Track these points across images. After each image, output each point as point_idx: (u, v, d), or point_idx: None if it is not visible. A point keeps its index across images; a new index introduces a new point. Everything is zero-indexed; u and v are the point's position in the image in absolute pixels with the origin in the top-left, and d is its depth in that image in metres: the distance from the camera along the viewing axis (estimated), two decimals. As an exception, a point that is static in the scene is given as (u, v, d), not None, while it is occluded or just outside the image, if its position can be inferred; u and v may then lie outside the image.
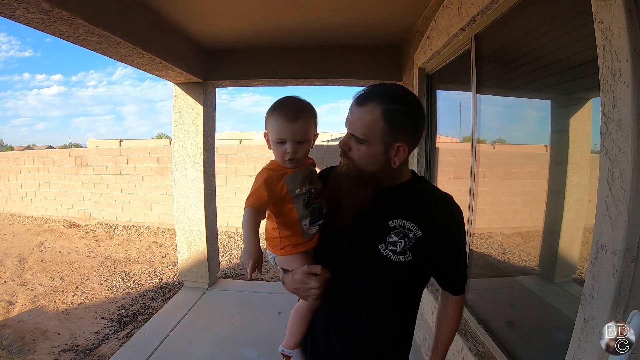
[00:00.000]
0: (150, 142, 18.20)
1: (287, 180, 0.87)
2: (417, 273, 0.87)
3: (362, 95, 0.81)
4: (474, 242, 2.02)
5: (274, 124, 0.87)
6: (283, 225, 0.89)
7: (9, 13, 1.56)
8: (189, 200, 3.48)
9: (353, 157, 0.83)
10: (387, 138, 0.79)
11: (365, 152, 0.81)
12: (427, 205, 0.88)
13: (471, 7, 1.60)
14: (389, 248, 0.83)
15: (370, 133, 0.79)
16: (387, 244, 0.83)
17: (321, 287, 0.87)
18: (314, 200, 0.89)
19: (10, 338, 2.89)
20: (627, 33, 0.75)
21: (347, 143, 0.83)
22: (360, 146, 0.81)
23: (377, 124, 0.78)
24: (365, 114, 0.79)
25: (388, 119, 0.78)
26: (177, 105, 3.41)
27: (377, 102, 0.78)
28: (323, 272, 0.87)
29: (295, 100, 0.90)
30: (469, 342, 1.70)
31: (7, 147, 42.05)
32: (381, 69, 3.22)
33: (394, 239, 0.83)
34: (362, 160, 0.82)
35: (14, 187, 8.14)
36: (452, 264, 0.90)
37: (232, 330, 2.77)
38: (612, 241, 0.80)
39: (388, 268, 0.83)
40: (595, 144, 1.23)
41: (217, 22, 2.72)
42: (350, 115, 0.82)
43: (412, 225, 0.84)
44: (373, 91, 0.81)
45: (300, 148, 0.88)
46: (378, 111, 0.78)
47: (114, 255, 5.30)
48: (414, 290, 0.92)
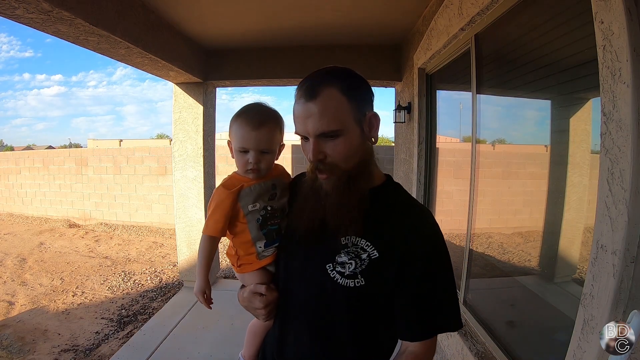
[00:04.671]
0: (150, 142, 18.22)
1: (241, 194, 0.81)
2: (374, 303, 0.71)
3: (309, 89, 0.68)
4: (474, 242, 2.02)
5: (237, 131, 0.80)
6: (238, 244, 0.84)
7: (9, 13, 1.56)
8: (189, 200, 3.48)
9: (334, 161, 0.70)
10: (357, 115, 0.70)
11: (344, 144, 0.69)
12: (392, 219, 0.72)
13: (471, 7, 1.60)
14: (336, 269, 0.71)
15: (342, 119, 0.68)
16: (335, 264, 0.71)
17: (266, 308, 0.80)
18: (271, 220, 0.82)
19: (10, 338, 2.89)
20: (627, 33, 0.75)
21: (320, 149, 0.69)
22: (336, 142, 0.69)
23: (343, 106, 0.68)
24: (325, 103, 0.67)
25: (349, 95, 0.69)
26: (177, 105, 3.41)
27: (330, 86, 0.68)
28: (268, 293, 0.80)
29: (261, 107, 0.83)
30: (469, 342, 1.70)
31: (7, 147, 42.05)
32: (381, 68, 3.22)
33: (343, 259, 0.70)
34: (345, 156, 0.70)
35: (14, 187, 8.14)
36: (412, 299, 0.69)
37: (232, 330, 2.77)
38: (612, 241, 0.80)
39: (334, 293, 0.70)
40: (595, 144, 1.23)
41: (217, 22, 2.72)
42: (306, 115, 0.68)
43: (367, 244, 0.70)
44: (317, 80, 0.69)
45: (264, 158, 0.81)
46: (336, 93, 0.68)
47: (114, 255, 5.30)
48: (375, 324, 0.73)
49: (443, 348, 2.00)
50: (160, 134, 50.50)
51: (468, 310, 1.91)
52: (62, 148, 20.15)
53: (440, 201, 2.72)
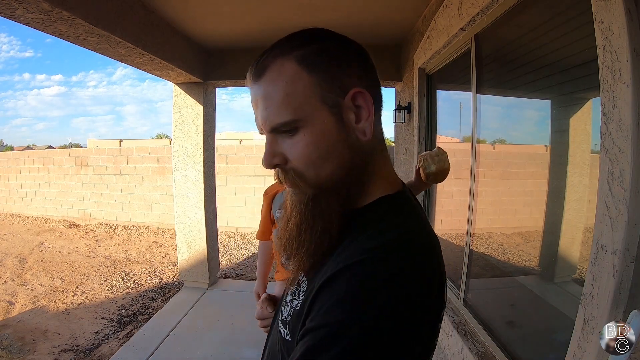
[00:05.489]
0: (150, 142, 18.23)
1: (274, 199, 0.83)
2: None
3: (257, 65, 0.47)
4: (474, 242, 2.02)
5: None
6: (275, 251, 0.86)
7: (9, 13, 1.56)
8: (189, 200, 3.48)
9: (295, 166, 0.47)
10: (327, 97, 0.46)
11: (306, 142, 0.46)
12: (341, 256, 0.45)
13: (471, 7, 1.60)
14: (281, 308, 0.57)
15: (298, 101, 0.45)
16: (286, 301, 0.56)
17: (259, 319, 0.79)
18: None
19: (10, 338, 2.89)
20: (627, 33, 0.75)
21: (275, 151, 0.48)
22: (294, 138, 0.46)
23: (299, 82, 0.45)
24: (273, 83, 0.46)
25: (311, 66, 0.45)
26: (177, 105, 3.42)
27: (283, 55, 0.46)
28: (263, 307, 0.77)
29: None
30: (469, 342, 1.70)
31: (7, 147, 42.07)
32: (381, 68, 3.17)
33: (289, 297, 0.54)
34: (308, 159, 0.46)
35: (14, 187, 8.15)
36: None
37: (232, 331, 2.77)
38: (612, 241, 0.80)
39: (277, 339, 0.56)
40: (595, 144, 1.23)
41: (217, 22, 2.72)
42: (253, 101, 0.48)
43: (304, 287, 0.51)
44: (269, 53, 0.47)
45: None
46: (291, 65, 0.45)
47: (114, 255, 5.30)
48: None
49: (443, 348, 2.00)
50: (160, 134, 50.57)
51: (468, 310, 1.91)
52: (62, 148, 20.16)
53: (440, 201, 2.72)
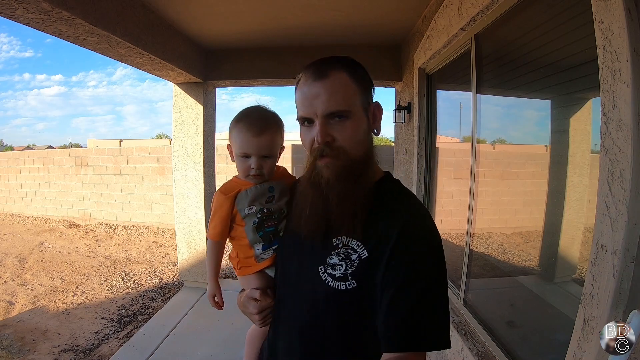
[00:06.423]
0: (150, 142, 18.23)
1: (237, 198, 0.82)
2: (364, 306, 0.66)
3: (318, 69, 0.67)
4: (474, 242, 2.02)
5: (238, 137, 0.80)
6: (238, 247, 0.85)
7: (9, 13, 1.56)
8: (189, 200, 3.48)
9: (343, 145, 0.67)
10: (364, 103, 0.69)
11: (353, 128, 0.67)
12: (385, 217, 0.67)
13: (471, 7, 1.60)
14: (327, 271, 0.68)
15: (351, 101, 0.66)
16: (326, 267, 0.68)
17: (260, 313, 0.80)
18: (267, 223, 0.81)
19: (10, 338, 2.89)
20: (627, 33, 0.75)
21: (328, 131, 0.66)
22: (345, 124, 0.66)
23: (351, 88, 0.67)
24: (334, 83, 0.66)
25: (357, 80, 0.68)
26: (177, 105, 3.42)
27: (339, 68, 0.67)
28: (262, 299, 0.80)
29: (261, 112, 0.83)
30: (469, 342, 1.70)
31: (7, 147, 42.06)
32: (381, 69, 3.22)
33: (334, 260, 0.67)
34: (353, 140, 0.67)
35: (14, 187, 8.14)
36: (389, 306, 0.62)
37: (232, 330, 2.77)
38: (612, 241, 0.80)
39: (325, 296, 0.67)
40: (595, 144, 1.23)
41: (217, 22, 2.72)
42: (314, 94, 0.66)
43: (357, 244, 0.66)
44: (326, 62, 0.69)
45: (266, 163, 0.81)
46: (345, 75, 0.67)
47: (114, 255, 5.30)
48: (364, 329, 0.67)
49: (443, 348, 2.00)
50: (160, 134, 50.53)
51: (468, 310, 1.91)
52: (62, 148, 20.15)
53: (440, 201, 2.72)
